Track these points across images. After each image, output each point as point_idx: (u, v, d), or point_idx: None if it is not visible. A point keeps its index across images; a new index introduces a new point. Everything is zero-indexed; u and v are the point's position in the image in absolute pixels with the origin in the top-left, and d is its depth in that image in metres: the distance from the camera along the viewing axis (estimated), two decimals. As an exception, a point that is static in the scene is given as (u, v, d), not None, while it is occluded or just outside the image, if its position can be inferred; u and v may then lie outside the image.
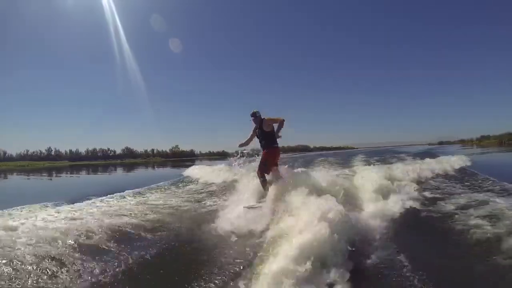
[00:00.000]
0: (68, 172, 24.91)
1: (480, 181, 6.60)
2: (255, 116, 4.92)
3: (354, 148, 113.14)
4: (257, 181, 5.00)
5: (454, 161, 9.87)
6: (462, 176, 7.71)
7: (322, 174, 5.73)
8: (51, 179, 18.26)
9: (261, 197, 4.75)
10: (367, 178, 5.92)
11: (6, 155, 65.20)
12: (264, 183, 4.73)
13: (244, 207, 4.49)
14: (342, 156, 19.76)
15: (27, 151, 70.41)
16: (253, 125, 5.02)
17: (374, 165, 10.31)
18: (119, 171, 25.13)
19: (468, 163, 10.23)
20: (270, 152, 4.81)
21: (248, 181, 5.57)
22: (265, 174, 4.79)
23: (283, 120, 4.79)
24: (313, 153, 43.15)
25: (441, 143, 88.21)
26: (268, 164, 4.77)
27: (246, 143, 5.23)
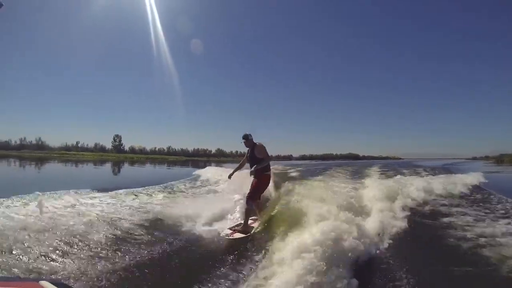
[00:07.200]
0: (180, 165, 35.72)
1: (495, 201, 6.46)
2: (247, 139, 4.69)
3: (400, 159, 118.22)
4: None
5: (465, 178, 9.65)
6: (471, 192, 7.58)
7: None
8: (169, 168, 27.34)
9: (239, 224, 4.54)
10: (371, 189, 5.89)
11: (145, 150, 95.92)
12: (249, 212, 4.50)
13: (224, 235, 4.10)
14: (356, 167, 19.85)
15: (155, 147, 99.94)
16: (246, 148, 4.80)
17: (386, 176, 10.89)
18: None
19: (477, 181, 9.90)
20: (264, 178, 4.66)
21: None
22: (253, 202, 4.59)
23: (269, 161, 4.73)
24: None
25: (474, 158, 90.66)
26: (260, 191, 4.70)
27: (239, 168, 5.07)
